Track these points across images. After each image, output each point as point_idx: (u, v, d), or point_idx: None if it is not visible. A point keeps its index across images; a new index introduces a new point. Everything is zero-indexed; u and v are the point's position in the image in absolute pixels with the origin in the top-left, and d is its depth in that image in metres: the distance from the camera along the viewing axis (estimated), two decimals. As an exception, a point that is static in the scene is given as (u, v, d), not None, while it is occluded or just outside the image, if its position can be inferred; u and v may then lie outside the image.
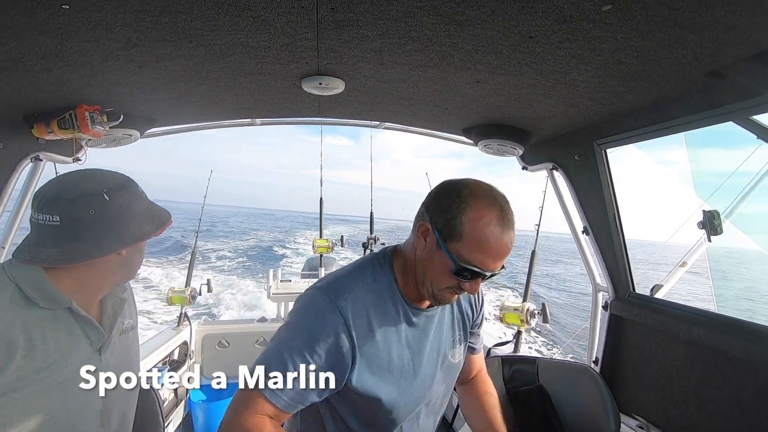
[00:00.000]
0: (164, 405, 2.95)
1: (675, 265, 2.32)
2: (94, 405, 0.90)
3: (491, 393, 1.35)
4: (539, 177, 2.48)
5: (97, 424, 0.91)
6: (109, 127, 1.76)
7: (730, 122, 1.31)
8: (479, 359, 1.39)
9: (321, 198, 5.07)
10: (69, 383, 0.84)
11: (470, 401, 1.34)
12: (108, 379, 0.93)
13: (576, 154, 1.99)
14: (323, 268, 4.63)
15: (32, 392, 0.78)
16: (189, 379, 3.26)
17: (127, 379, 1.00)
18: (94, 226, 0.84)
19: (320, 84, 1.54)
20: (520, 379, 2.06)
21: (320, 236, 4.77)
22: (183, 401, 3.22)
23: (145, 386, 1.53)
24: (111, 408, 0.94)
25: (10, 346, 0.77)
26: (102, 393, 0.92)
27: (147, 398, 1.61)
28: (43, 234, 0.82)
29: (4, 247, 1.91)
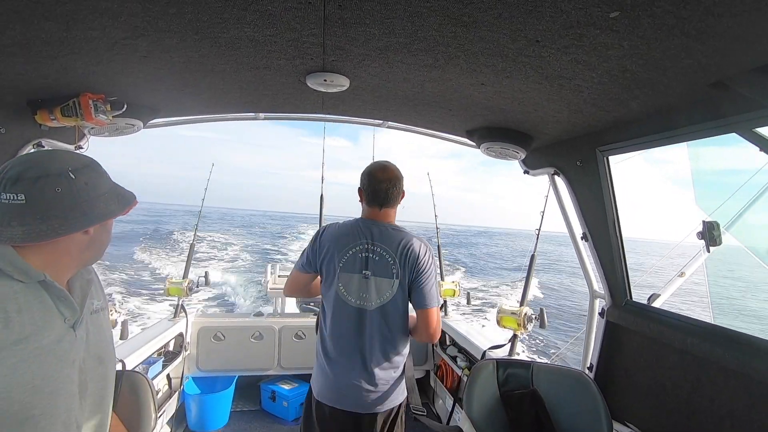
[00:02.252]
0: (158, 395, 2.95)
1: (674, 275, 2.32)
2: (72, 378, 0.90)
3: None
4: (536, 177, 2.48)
5: (76, 397, 0.92)
6: (113, 116, 1.76)
7: (733, 134, 1.32)
8: None
9: (321, 195, 5.06)
10: (47, 355, 0.84)
11: None
12: (83, 356, 0.94)
13: (578, 160, 1.99)
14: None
15: (12, 363, 0.79)
16: (183, 371, 3.28)
17: (100, 358, 1.00)
18: (60, 203, 0.83)
19: (325, 81, 1.54)
20: (514, 383, 2.06)
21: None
22: (177, 392, 3.22)
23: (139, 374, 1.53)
24: (87, 384, 0.95)
25: None
26: (78, 368, 0.92)
27: (140, 387, 1.61)
28: (7, 213, 0.81)
29: None
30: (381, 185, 1.78)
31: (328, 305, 1.79)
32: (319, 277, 1.86)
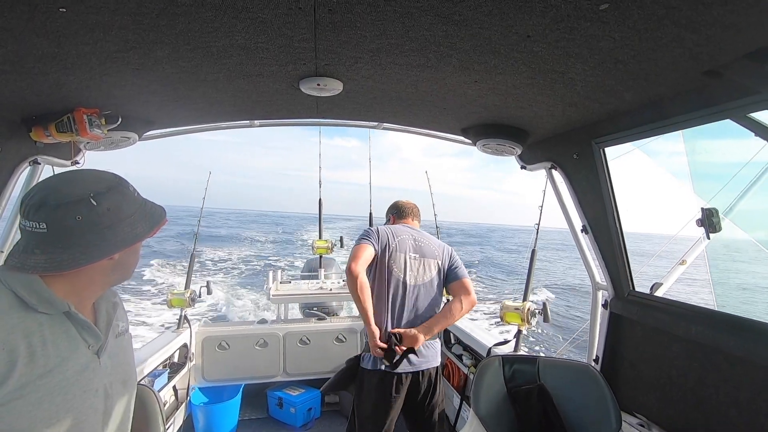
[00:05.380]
0: (165, 407, 2.94)
1: (675, 263, 2.33)
2: (97, 407, 0.90)
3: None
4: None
5: (99, 426, 0.91)
6: (108, 130, 1.76)
7: (728, 120, 1.32)
8: None
9: (320, 199, 5.06)
10: (71, 387, 0.83)
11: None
12: (108, 382, 0.93)
13: (574, 153, 2.00)
14: (323, 269, 4.63)
15: (37, 398, 0.78)
16: (189, 382, 3.27)
17: (125, 382, 1.00)
18: (81, 232, 0.81)
19: (318, 85, 1.54)
20: (521, 379, 2.06)
21: (320, 237, 4.76)
22: (184, 403, 3.21)
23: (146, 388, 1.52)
24: (112, 410, 0.94)
25: (12, 354, 0.76)
26: (103, 395, 0.91)
27: (148, 400, 1.61)
28: (31, 241, 0.80)
29: (2, 251, 1.91)
30: (405, 208, 2.46)
31: (385, 284, 2.18)
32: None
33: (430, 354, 2.21)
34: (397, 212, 2.45)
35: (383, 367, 2.12)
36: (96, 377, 0.89)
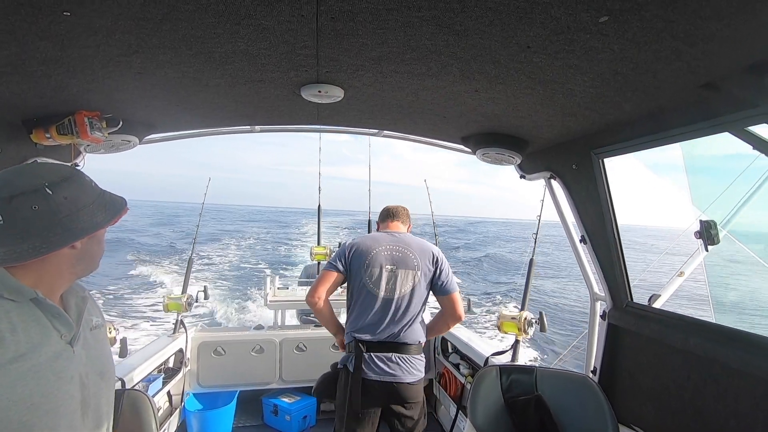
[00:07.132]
0: (159, 413, 2.91)
1: (673, 275, 2.32)
2: (73, 394, 0.89)
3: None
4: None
5: (78, 414, 0.90)
6: (108, 133, 1.76)
7: (726, 133, 1.33)
8: None
9: (319, 205, 5.06)
10: (45, 371, 0.83)
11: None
12: (84, 372, 0.92)
13: (573, 163, 2.00)
14: (321, 276, 4.61)
15: (9, 382, 0.78)
16: (184, 388, 3.24)
17: (102, 373, 0.99)
18: (39, 222, 0.81)
19: (319, 92, 1.55)
20: (518, 389, 2.05)
21: (318, 243, 4.75)
22: (178, 409, 3.18)
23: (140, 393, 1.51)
24: (89, 399, 0.93)
25: None
26: (79, 383, 0.90)
27: (141, 406, 1.59)
28: None
29: None
30: (390, 210, 2.36)
31: (360, 300, 2.13)
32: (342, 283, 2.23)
33: (404, 368, 2.11)
34: (381, 217, 2.38)
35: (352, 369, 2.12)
36: (71, 365, 0.89)
